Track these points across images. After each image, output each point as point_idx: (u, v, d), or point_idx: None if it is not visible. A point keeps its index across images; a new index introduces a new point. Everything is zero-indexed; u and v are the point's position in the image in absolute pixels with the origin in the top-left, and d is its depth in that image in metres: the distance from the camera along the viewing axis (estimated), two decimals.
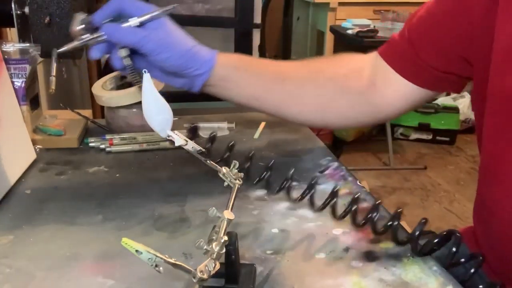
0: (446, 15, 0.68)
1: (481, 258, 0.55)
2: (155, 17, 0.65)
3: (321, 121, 0.78)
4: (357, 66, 0.77)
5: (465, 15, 0.65)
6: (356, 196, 0.62)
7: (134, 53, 0.67)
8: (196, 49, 0.69)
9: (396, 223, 0.58)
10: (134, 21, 0.65)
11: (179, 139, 0.59)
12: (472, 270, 0.55)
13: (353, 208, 0.61)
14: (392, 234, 0.59)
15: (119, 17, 0.66)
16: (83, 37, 0.65)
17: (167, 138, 0.59)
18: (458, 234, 0.55)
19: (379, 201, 0.61)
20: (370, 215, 0.59)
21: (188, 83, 0.71)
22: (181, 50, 0.67)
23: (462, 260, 0.57)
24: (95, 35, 0.65)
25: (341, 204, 0.69)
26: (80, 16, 0.65)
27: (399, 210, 0.59)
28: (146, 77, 0.56)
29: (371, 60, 0.77)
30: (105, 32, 0.64)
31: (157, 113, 0.57)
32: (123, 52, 0.66)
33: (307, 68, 0.77)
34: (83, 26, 0.65)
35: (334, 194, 0.63)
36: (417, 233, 0.56)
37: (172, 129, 0.59)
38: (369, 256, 0.58)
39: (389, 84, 0.74)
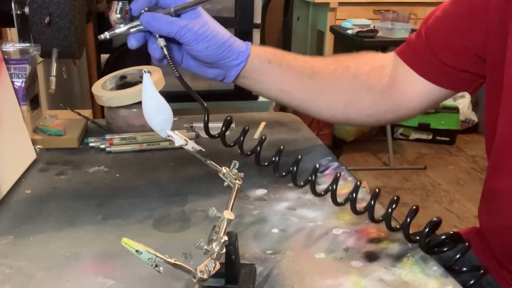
0: (462, 15, 0.69)
1: (481, 271, 0.56)
2: (191, 6, 0.65)
3: (346, 117, 0.79)
4: (379, 64, 0.78)
5: (481, 15, 0.66)
6: (338, 175, 0.63)
7: (171, 42, 0.67)
8: (232, 39, 0.70)
9: (372, 202, 0.59)
10: (171, 10, 0.65)
11: (179, 139, 0.59)
12: (458, 256, 0.56)
13: (334, 187, 0.62)
14: (369, 214, 0.59)
15: (156, 6, 0.66)
16: (121, 25, 0.65)
17: (167, 138, 0.59)
18: (467, 243, 0.56)
19: (360, 181, 0.62)
20: (350, 195, 0.60)
21: (222, 73, 0.72)
22: (218, 40, 0.67)
23: (464, 269, 0.57)
24: (133, 24, 0.65)
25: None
26: (118, 4, 0.65)
27: (377, 191, 0.60)
28: (146, 77, 0.56)
29: (391, 59, 0.78)
30: (143, 21, 0.64)
31: (157, 113, 0.57)
32: (162, 42, 0.66)
33: (334, 64, 0.78)
34: (122, 14, 0.64)
35: (315, 171, 0.64)
36: (408, 220, 0.56)
37: (172, 129, 0.59)
38: (369, 256, 0.58)
39: (408, 83, 0.75)
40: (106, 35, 0.67)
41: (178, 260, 0.42)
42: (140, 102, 0.70)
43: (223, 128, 0.68)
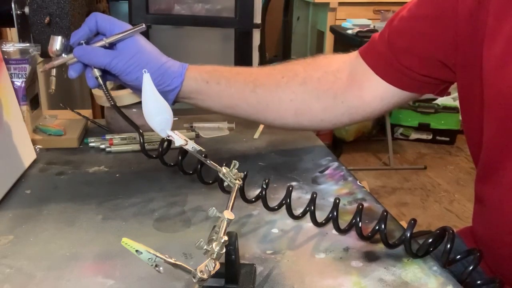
0: (426, 19, 0.66)
1: (478, 254, 0.55)
2: (124, 37, 0.68)
3: (297, 124, 0.78)
4: (333, 68, 0.76)
5: (447, 20, 0.63)
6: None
7: (106, 72, 0.70)
8: (168, 64, 0.71)
9: (382, 227, 0.57)
10: (103, 42, 0.68)
11: (179, 139, 0.59)
12: (471, 267, 0.54)
13: (335, 215, 0.61)
14: (380, 237, 0.58)
15: (97, 34, 0.69)
16: (59, 57, 0.69)
17: (167, 138, 0.59)
18: (451, 231, 0.55)
19: (361, 204, 0.60)
20: (354, 220, 0.59)
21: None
22: (151, 68, 0.69)
23: (459, 256, 0.57)
24: (70, 56, 0.69)
25: (341, 204, 0.69)
26: (57, 38, 0.68)
27: (384, 214, 0.58)
28: (146, 77, 0.56)
29: (351, 60, 0.76)
30: (75, 54, 0.68)
31: (157, 113, 0.57)
32: (96, 72, 0.69)
33: (281, 73, 0.77)
34: (61, 47, 0.69)
35: (313, 200, 0.62)
36: (408, 234, 0.56)
37: (172, 129, 0.59)
38: (369, 256, 0.58)
39: (367, 85, 0.74)
40: (46, 67, 0.71)
41: (178, 260, 0.42)
42: (140, 102, 0.70)
43: (160, 149, 0.70)
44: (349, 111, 0.76)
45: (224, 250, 0.45)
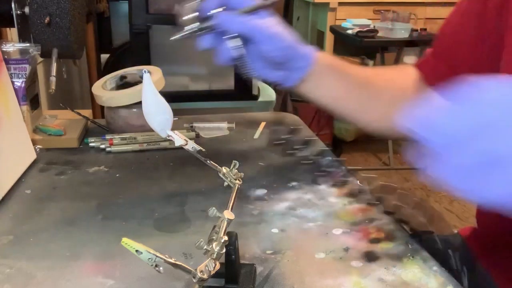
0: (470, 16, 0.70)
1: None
2: (262, 6, 0.63)
3: (390, 130, 0.78)
4: (417, 77, 0.78)
5: (479, 22, 0.66)
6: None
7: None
8: (298, 41, 0.68)
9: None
10: (241, 11, 0.63)
11: (179, 139, 0.59)
12: None
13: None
14: None
15: (224, 6, 0.64)
16: (192, 26, 0.63)
17: (167, 138, 0.59)
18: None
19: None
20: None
21: (285, 76, 0.69)
22: (288, 40, 0.65)
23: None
24: (206, 24, 0.62)
25: (342, 204, 0.69)
26: (189, 4, 0.63)
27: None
28: (146, 76, 0.56)
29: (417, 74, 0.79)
30: (221, 21, 0.62)
31: (157, 113, 0.57)
32: (237, 42, 0.63)
33: (383, 76, 0.77)
34: (193, 14, 0.62)
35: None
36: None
37: (172, 129, 0.59)
38: (369, 256, 0.58)
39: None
40: (177, 36, 0.64)
41: (178, 260, 0.42)
42: (140, 102, 0.70)
43: None
44: None
45: (224, 250, 0.45)
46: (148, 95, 0.56)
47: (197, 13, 0.62)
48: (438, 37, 0.76)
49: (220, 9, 0.62)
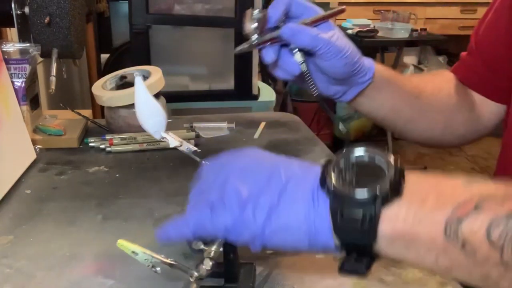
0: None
1: None
2: (327, 17, 0.59)
3: (442, 138, 0.78)
4: (456, 82, 0.78)
5: None
6: None
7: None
8: (360, 55, 0.64)
9: None
10: (307, 21, 0.58)
11: (173, 140, 0.59)
12: None
13: None
14: None
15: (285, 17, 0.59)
16: (256, 37, 0.58)
17: (162, 139, 0.59)
18: None
19: None
20: None
21: (344, 90, 0.66)
22: (354, 56, 0.61)
23: None
24: (272, 36, 0.57)
25: None
26: (253, 13, 0.57)
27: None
28: (138, 80, 0.56)
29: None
30: (286, 33, 0.57)
31: (150, 115, 0.57)
32: (301, 57, 0.58)
33: (431, 84, 0.76)
34: (259, 24, 0.57)
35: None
36: None
37: (172, 129, 0.59)
38: None
39: (475, 102, 0.76)
40: (241, 48, 0.60)
41: (178, 260, 0.42)
42: None
43: None
44: (478, 126, 0.77)
45: (221, 249, 0.45)
46: (141, 98, 0.56)
47: (256, 24, 0.57)
48: (473, 37, 0.75)
49: (282, 20, 0.58)
